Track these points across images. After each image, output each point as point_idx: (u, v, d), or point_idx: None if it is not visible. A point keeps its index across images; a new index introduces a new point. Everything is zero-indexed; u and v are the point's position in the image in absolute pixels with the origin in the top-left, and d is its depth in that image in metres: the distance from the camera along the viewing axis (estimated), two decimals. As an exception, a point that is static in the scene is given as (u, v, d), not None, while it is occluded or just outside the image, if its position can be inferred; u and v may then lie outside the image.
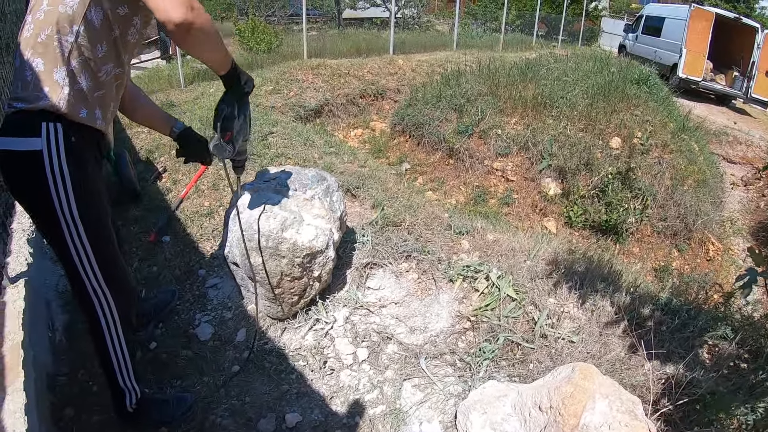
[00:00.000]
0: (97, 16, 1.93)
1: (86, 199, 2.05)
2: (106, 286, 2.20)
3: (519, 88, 9.79)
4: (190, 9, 1.75)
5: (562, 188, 8.27)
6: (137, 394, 2.47)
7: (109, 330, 2.27)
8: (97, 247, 2.13)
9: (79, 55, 1.94)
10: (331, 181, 3.53)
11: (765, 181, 11.67)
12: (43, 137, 1.91)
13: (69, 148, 1.96)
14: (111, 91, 2.14)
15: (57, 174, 1.94)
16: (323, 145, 6.30)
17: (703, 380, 2.73)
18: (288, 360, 3.13)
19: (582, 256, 4.16)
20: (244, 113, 2.48)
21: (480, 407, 2.59)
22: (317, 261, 3.18)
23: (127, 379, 2.42)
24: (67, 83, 1.92)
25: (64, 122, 1.95)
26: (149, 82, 9.35)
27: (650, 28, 20.39)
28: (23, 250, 3.10)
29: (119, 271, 2.32)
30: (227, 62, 2.18)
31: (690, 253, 8.37)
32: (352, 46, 14.06)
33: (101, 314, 2.23)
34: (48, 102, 1.90)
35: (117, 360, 2.34)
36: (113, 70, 2.10)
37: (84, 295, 2.19)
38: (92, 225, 2.09)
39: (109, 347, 2.31)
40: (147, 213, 4.54)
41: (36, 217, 2.14)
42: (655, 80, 11.87)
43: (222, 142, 2.41)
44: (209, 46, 1.97)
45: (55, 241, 2.08)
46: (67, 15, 1.88)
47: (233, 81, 2.29)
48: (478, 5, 26.50)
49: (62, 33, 1.88)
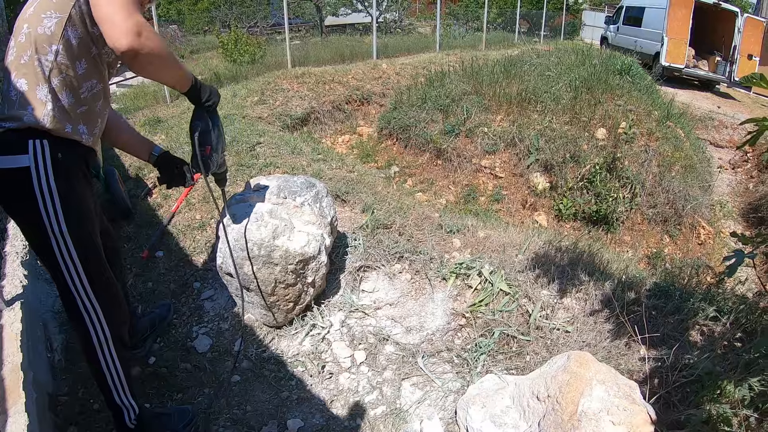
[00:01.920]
0: (74, 35, 1.99)
1: (74, 214, 2.08)
2: (96, 301, 2.22)
3: (503, 86, 9.83)
4: (136, 36, 1.80)
5: (550, 182, 8.31)
6: (135, 411, 2.47)
7: (101, 346, 2.28)
8: (86, 262, 2.16)
9: (60, 73, 1.99)
10: (320, 187, 3.55)
11: (753, 162, 11.73)
12: (31, 154, 1.95)
13: (56, 164, 2.00)
14: (95, 107, 2.19)
15: (45, 190, 1.98)
16: (311, 152, 6.31)
17: (699, 361, 2.75)
18: (287, 366, 3.15)
19: (573, 247, 4.19)
20: (217, 126, 2.51)
21: (479, 401, 2.61)
22: (310, 267, 3.20)
23: (123, 396, 2.42)
24: (49, 100, 1.97)
25: (50, 138, 1.99)
26: (135, 99, 9.37)
27: (631, 18, 20.49)
28: (17, 273, 3.12)
29: (109, 286, 2.32)
30: (185, 81, 2.23)
31: (681, 238, 8.42)
32: (336, 53, 14.11)
33: (92, 330, 2.25)
34: (33, 119, 1.94)
35: (111, 376, 2.35)
36: (96, 86, 2.15)
37: (75, 311, 2.21)
38: (81, 239, 2.12)
39: (102, 363, 2.31)
40: (139, 229, 4.54)
41: (27, 232, 2.16)
42: (637, 69, 11.92)
43: (204, 158, 2.44)
44: (160, 70, 2.03)
45: (45, 256, 2.12)
46: (45, 35, 1.94)
47: (197, 97, 2.33)
48: (459, 5, 26.61)
49: (41, 53, 1.94)
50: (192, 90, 2.28)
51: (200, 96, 2.33)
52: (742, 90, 18.54)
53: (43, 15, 1.95)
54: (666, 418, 2.54)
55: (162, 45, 1.92)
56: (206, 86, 2.37)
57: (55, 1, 1.96)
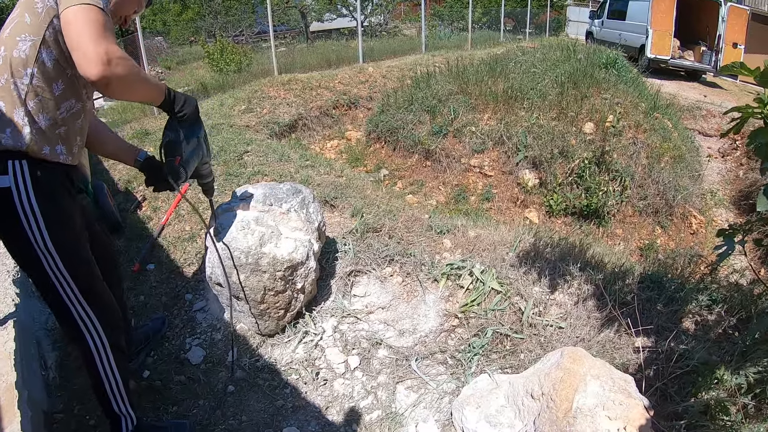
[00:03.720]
0: (49, 57, 2.00)
1: (58, 229, 2.11)
2: (91, 310, 2.25)
3: (489, 84, 9.82)
4: (106, 65, 1.81)
5: (540, 178, 8.30)
6: (133, 421, 2.49)
7: (98, 354, 2.31)
8: (76, 274, 2.18)
9: (36, 96, 2.00)
10: (307, 192, 3.54)
11: (742, 150, 11.77)
12: (11, 174, 1.98)
13: (36, 182, 2.02)
14: (74, 127, 2.19)
15: (27, 208, 2.00)
16: (299, 159, 6.30)
17: (695, 351, 2.75)
18: (281, 375, 3.14)
19: (564, 242, 4.19)
20: (195, 136, 2.51)
21: (474, 402, 2.61)
22: (299, 273, 3.20)
23: (122, 405, 2.44)
24: (26, 123, 1.98)
25: (28, 159, 2.01)
26: (123, 112, 9.34)
27: (615, 12, 20.52)
28: (9, 291, 3.11)
29: (102, 294, 2.35)
30: (158, 95, 2.25)
31: (673, 228, 8.43)
32: (322, 59, 14.10)
33: (90, 339, 2.28)
34: (10, 142, 1.96)
35: (109, 385, 2.37)
36: (75, 105, 2.16)
37: (71, 324, 2.24)
38: (67, 252, 2.15)
39: (101, 372, 2.34)
40: (129, 243, 4.53)
41: (14, 251, 2.18)
42: (622, 63, 11.94)
43: (173, 167, 2.44)
44: (132, 92, 2.06)
45: (35, 272, 2.15)
46: (20, 59, 1.95)
47: (170, 108, 2.35)
48: (443, 6, 26.66)
49: (17, 76, 1.96)
50: (164, 103, 2.30)
51: (173, 107, 2.35)
52: (729, 79, 18.60)
53: (18, 38, 1.95)
54: (663, 409, 2.54)
55: (131, 69, 1.93)
56: (181, 96, 2.38)
57: (29, 23, 1.96)
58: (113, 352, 2.36)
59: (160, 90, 2.25)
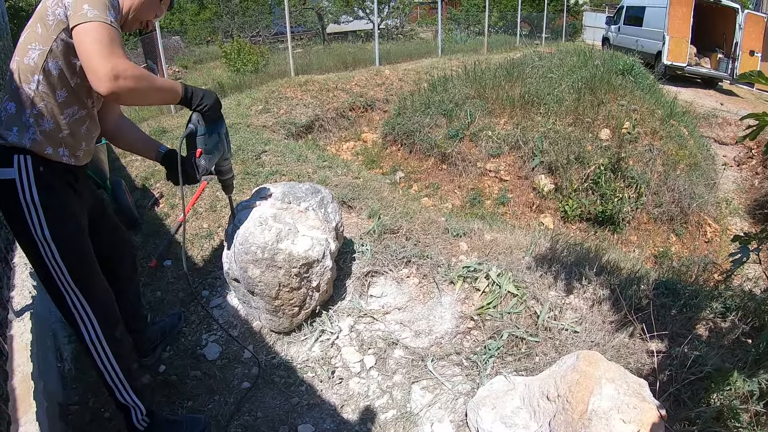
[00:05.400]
0: (55, 67, 2.13)
1: (57, 222, 2.21)
2: (86, 302, 2.33)
3: (506, 89, 9.82)
4: (114, 80, 1.95)
5: (555, 183, 8.28)
6: (141, 410, 2.53)
7: (93, 344, 2.37)
8: (71, 265, 2.27)
9: (41, 101, 2.13)
10: (326, 193, 3.57)
11: (758, 159, 11.70)
12: (15, 167, 2.11)
13: (38, 176, 2.16)
14: (78, 132, 2.31)
15: (29, 199, 2.14)
16: (316, 159, 6.33)
17: (708, 358, 2.76)
18: (297, 372, 3.16)
19: (579, 248, 4.19)
20: (216, 131, 2.57)
21: (489, 403, 2.62)
22: (314, 270, 3.22)
23: (126, 395, 2.48)
24: (32, 124, 2.13)
25: (32, 155, 2.14)
26: (139, 110, 9.41)
27: (632, 18, 20.47)
28: (26, 284, 3.14)
29: (97, 285, 2.41)
30: (173, 96, 2.36)
31: (688, 236, 8.39)
32: (338, 60, 14.16)
33: (84, 330, 2.35)
34: (16, 139, 2.11)
35: (108, 375, 2.43)
36: (78, 112, 2.28)
37: (66, 312, 2.33)
38: (64, 244, 2.24)
39: (97, 362, 2.40)
40: (146, 239, 4.58)
41: (19, 240, 2.30)
42: (639, 69, 11.88)
43: (194, 159, 2.51)
44: (144, 99, 2.23)
45: (34, 261, 2.26)
46: (29, 66, 2.10)
47: (189, 104, 2.45)
48: (460, 10, 26.64)
49: (25, 82, 2.11)
50: (183, 101, 2.40)
51: (191, 103, 2.44)
52: (745, 87, 18.49)
53: (30, 46, 2.10)
54: (676, 415, 2.54)
55: (139, 81, 2.04)
56: (199, 91, 2.47)
57: (40, 33, 2.09)
58: (108, 343, 2.40)
59: (175, 91, 2.34)
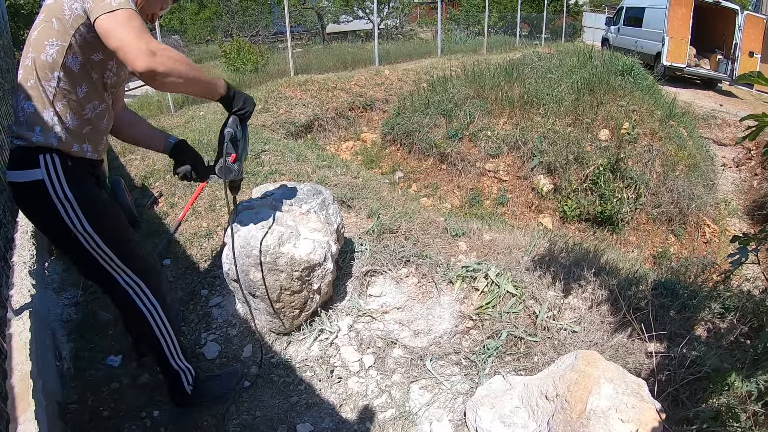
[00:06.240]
0: (75, 62, 2.08)
1: (94, 212, 2.21)
2: (137, 276, 2.39)
3: (505, 89, 9.83)
4: (152, 56, 1.87)
5: (554, 184, 8.30)
6: (192, 372, 2.69)
7: (151, 315, 2.45)
8: (117, 248, 2.30)
9: (63, 98, 2.09)
10: (327, 194, 3.56)
11: (757, 160, 11.70)
12: (42, 167, 2.07)
13: (67, 171, 2.12)
14: (99, 126, 2.29)
15: (62, 197, 2.10)
16: (316, 159, 6.34)
17: (707, 358, 2.76)
18: (296, 372, 3.16)
19: (578, 248, 4.19)
20: (245, 135, 2.57)
21: (488, 402, 2.63)
22: (316, 274, 3.22)
23: (178, 359, 2.62)
24: (56, 122, 2.09)
25: (59, 153, 2.11)
26: (139, 109, 9.41)
27: (631, 18, 20.48)
28: (25, 282, 3.14)
29: (144, 259, 2.47)
30: (215, 89, 2.29)
31: (686, 237, 8.40)
32: (338, 60, 14.16)
33: (141, 304, 2.42)
34: (41, 139, 2.06)
35: (165, 342, 2.53)
36: (99, 106, 2.26)
37: (120, 293, 2.39)
38: (106, 231, 2.25)
39: (156, 332, 2.49)
40: (146, 238, 4.57)
41: (53, 238, 2.34)
42: (639, 70, 11.90)
43: (228, 164, 2.48)
44: (183, 84, 2.07)
45: (79, 255, 2.27)
46: (47, 63, 2.03)
47: (230, 104, 2.40)
48: (459, 10, 26.63)
49: (44, 79, 2.05)
50: (224, 99, 2.36)
51: (232, 105, 2.41)
52: (744, 87, 18.51)
53: (46, 42, 2.02)
54: (675, 414, 2.55)
55: (180, 62, 1.98)
56: (241, 95, 2.45)
57: (56, 29, 2.02)
58: (164, 310, 2.49)
59: (217, 86, 2.29)
